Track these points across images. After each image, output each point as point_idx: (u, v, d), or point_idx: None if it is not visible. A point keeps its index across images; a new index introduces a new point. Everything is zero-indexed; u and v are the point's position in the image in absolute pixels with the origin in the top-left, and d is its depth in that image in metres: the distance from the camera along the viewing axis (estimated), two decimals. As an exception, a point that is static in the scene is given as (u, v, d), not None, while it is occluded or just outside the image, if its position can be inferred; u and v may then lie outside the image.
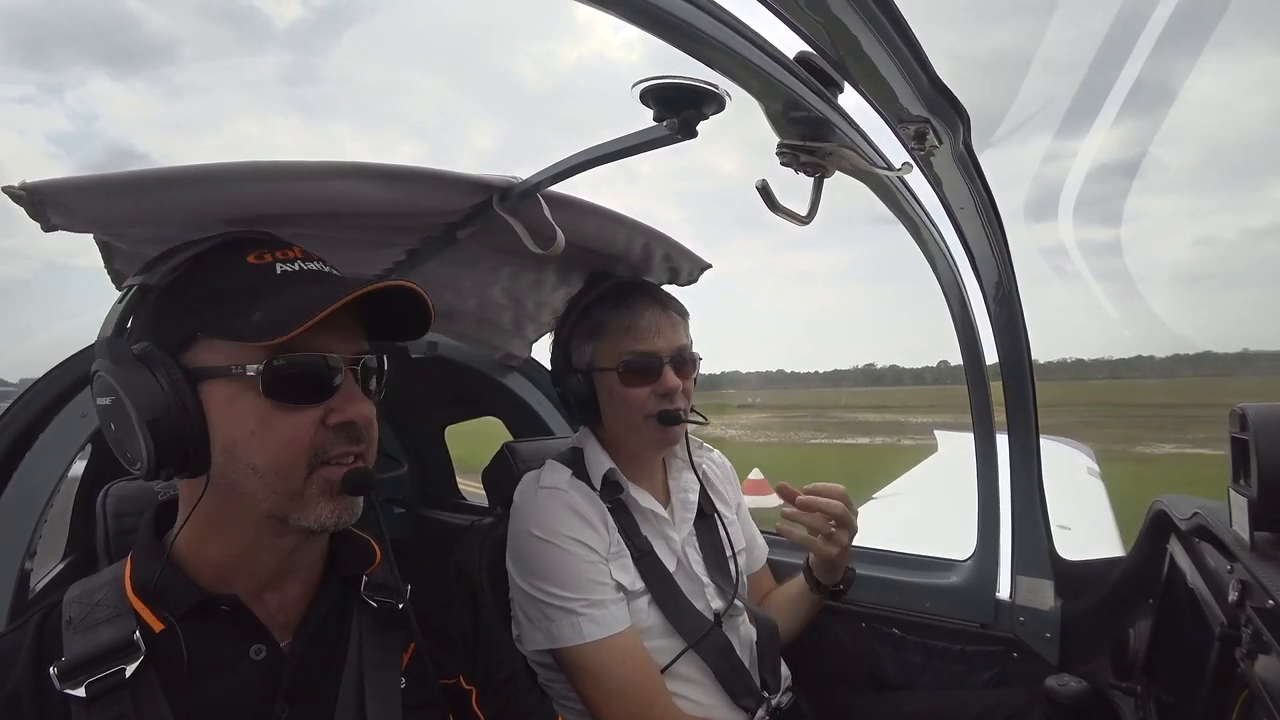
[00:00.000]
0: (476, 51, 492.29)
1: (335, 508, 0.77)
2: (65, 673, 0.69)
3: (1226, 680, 0.87)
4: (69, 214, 0.85)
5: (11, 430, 1.27)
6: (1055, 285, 1.33)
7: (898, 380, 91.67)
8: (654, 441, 1.39)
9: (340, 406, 0.77)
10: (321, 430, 0.76)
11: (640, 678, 1.25)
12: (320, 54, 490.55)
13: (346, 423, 0.77)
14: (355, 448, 0.79)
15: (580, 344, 1.40)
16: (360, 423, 0.79)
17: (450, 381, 2.20)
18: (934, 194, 1.18)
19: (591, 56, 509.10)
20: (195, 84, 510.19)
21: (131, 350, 0.73)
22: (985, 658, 1.57)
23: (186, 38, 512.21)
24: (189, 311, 0.76)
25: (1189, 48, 1.10)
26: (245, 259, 0.78)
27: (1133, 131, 1.81)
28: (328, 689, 0.80)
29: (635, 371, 1.34)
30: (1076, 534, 2.02)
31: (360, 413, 0.78)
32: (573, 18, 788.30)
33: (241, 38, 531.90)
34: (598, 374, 1.38)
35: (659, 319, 1.37)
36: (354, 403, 0.78)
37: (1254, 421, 0.90)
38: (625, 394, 1.35)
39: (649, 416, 1.35)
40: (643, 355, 1.34)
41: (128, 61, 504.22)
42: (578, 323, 1.41)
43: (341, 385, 0.78)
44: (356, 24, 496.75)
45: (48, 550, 1.32)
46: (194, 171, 0.88)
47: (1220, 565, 0.97)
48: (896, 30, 0.77)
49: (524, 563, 1.29)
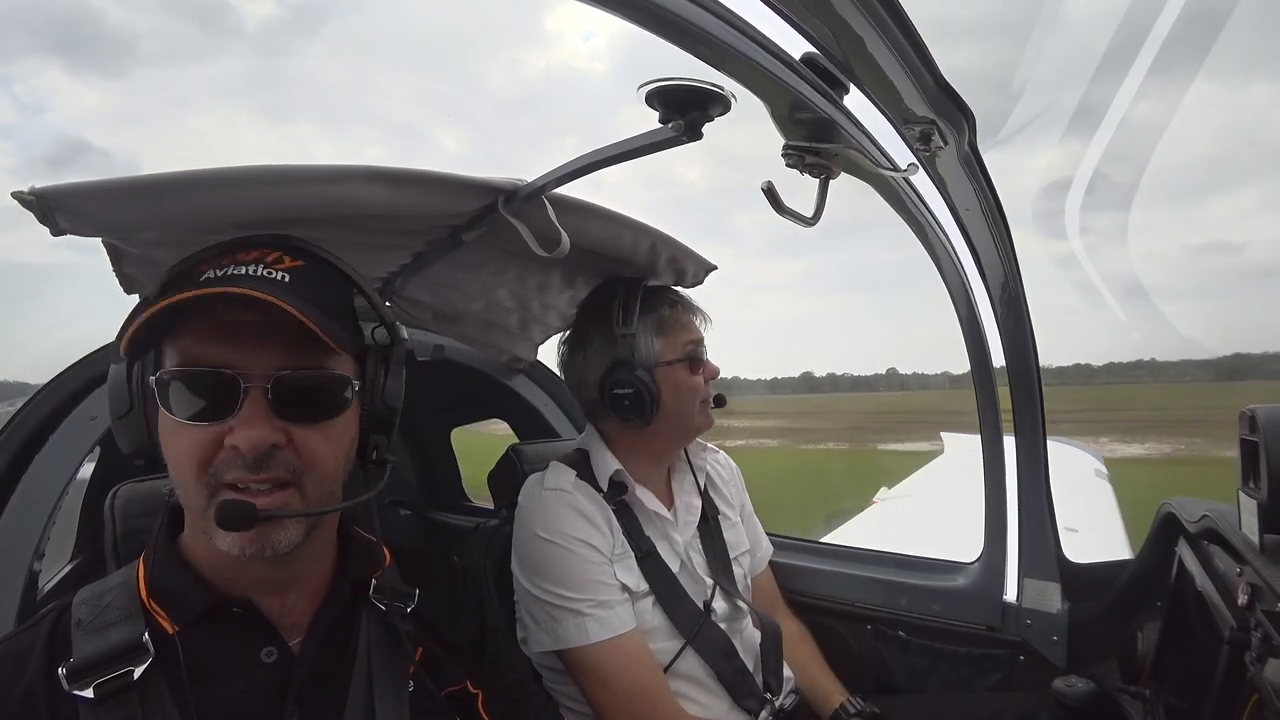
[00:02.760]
0: (446, 57, 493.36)
1: (234, 538, 0.71)
2: (74, 673, 0.69)
3: (1236, 684, 0.87)
4: (77, 218, 0.85)
5: (21, 432, 1.28)
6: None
7: (834, 387, 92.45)
8: (701, 426, 1.47)
9: (235, 429, 0.70)
10: (223, 451, 0.71)
11: (646, 679, 1.25)
12: (286, 54, 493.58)
13: (234, 447, 0.70)
14: (254, 475, 0.71)
15: (645, 340, 1.40)
16: (244, 448, 0.70)
17: (456, 384, 2.21)
18: (939, 195, 1.18)
19: (559, 66, 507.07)
20: (155, 79, 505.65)
21: (126, 361, 0.77)
22: (992, 661, 1.56)
23: (148, 33, 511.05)
24: (157, 328, 0.75)
25: (1128, 73, 1.11)
26: (201, 267, 0.77)
27: (1078, 150, 1.84)
28: (337, 692, 0.80)
29: (698, 359, 1.43)
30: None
31: (249, 438, 0.69)
32: (541, 27, 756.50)
33: (206, 34, 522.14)
34: (663, 368, 1.39)
35: (694, 314, 1.47)
36: (247, 426, 0.70)
37: (1264, 423, 0.89)
38: (692, 382, 1.42)
39: (705, 401, 1.44)
40: (697, 344, 1.44)
41: (84, 54, 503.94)
42: (639, 322, 1.39)
43: (244, 404, 0.71)
44: (327, 24, 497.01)
45: (56, 551, 1.33)
46: (201, 176, 0.88)
47: (1229, 568, 0.96)
48: (902, 31, 0.77)
49: (529, 564, 1.30)
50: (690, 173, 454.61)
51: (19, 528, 1.21)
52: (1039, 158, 1.97)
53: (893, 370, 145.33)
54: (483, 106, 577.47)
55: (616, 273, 1.50)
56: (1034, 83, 1.12)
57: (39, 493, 1.24)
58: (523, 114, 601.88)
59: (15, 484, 1.23)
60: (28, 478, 1.23)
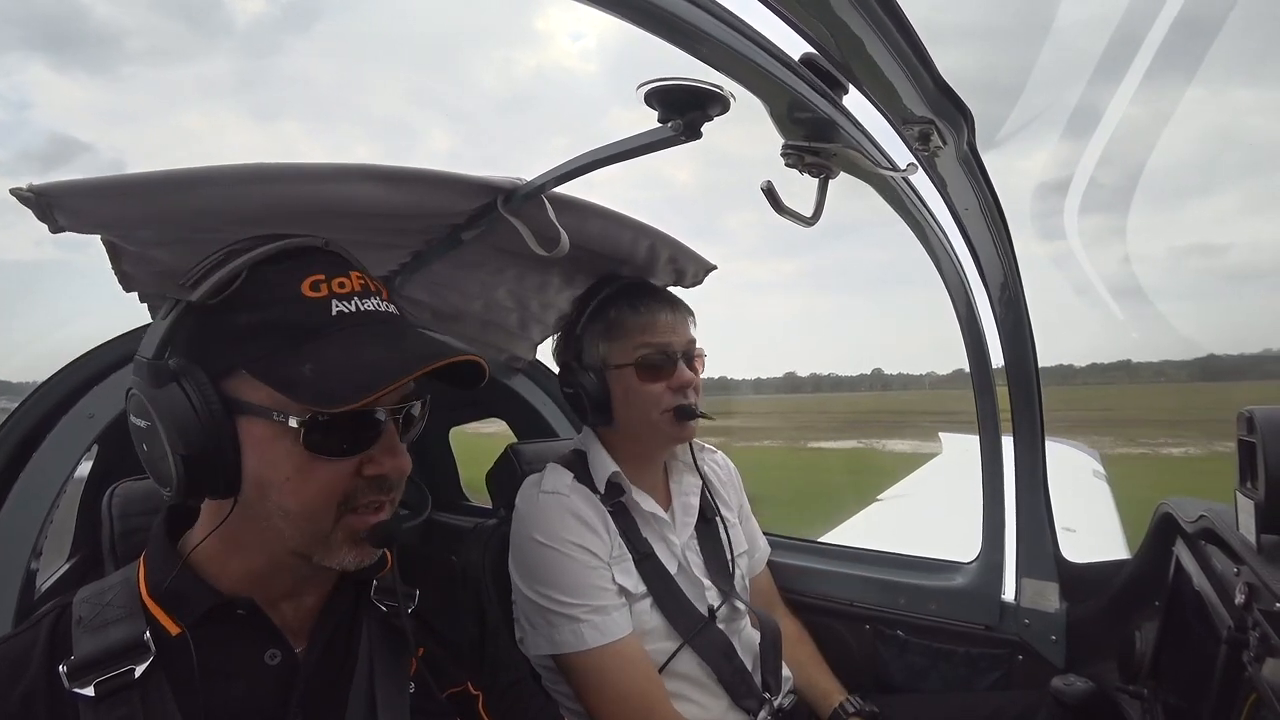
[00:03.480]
0: (437, 56, 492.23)
1: (358, 554, 0.77)
2: (74, 672, 0.69)
3: (1234, 684, 0.87)
4: (76, 216, 0.85)
5: (18, 431, 1.28)
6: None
7: (817, 387, 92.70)
8: (669, 438, 1.39)
9: (378, 459, 0.75)
10: (355, 479, 0.75)
11: (641, 685, 1.25)
12: (274, 51, 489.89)
13: (381, 475, 0.76)
14: (384, 496, 0.77)
15: (593, 342, 1.39)
16: (394, 477, 0.77)
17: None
18: (939, 195, 1.18)
19: (550, 65, 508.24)
20: (141, 76, 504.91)
21: (171, 372, 0.70)
22: (990, 660, 1.56)
23: (136, 29, 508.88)
24: (236, 339, 0.72)
25: (1122, 78, 1.13)
26: (300, 288, 0.73)
27: (1070, 153, 1.86)
28: (339, 695, 0.80)
29: (652, 366, 1.35)
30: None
31: (396, 466, 0.77)
32: (532, 26, 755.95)
33: (195, 32, 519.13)
34: (612, 371, 1.37)
35: (670, 314, 1.38)
36: (392, 456, 0.76)
37: (1261, 424, 0.89)
38: (642, 390, 1.35)
39: (665, 412, 1.35)
40: (659, 350, 1.35)
41: (70, 50, 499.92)
42: (589, 322, 1.41)
43: (382, 436, 0.76)
44: (318, 22, 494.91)
45: (54, 550, 1.33)
46: (200, 174, 0.88)
47: (1227, 568, 0.97)
48: (900, 31, 0.77)
49: (527, 568, 1.29)
50: (681, 173, 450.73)
51: (16, 526, 1.21)
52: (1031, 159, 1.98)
53: (878, 370, 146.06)
54: (473, 106, 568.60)
55: (616, 273, 1.50)
56: (1030, 86, 1.12)
57: (36, 491, 1.23)
58: (514, 114, 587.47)
59: (13, 482, 1.22)
60: (25, 476, 1.23)
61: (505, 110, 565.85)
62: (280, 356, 0.70)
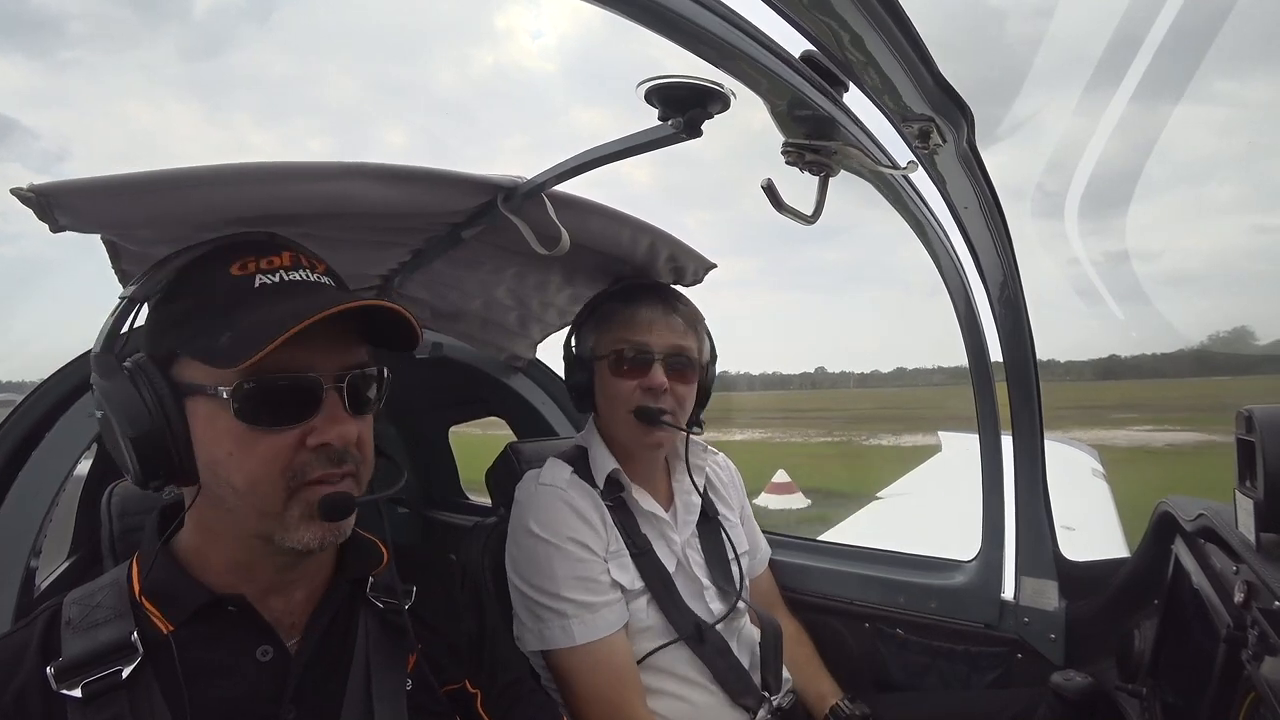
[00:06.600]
0: (395, 50, 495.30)
1: (318, 531, 0.75)
2: (62, 673, 0.69)
3: (1233, 682, 0.87)
4: (76, 215, 0.85)
5: (18, 429, 1.28)
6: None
7: (750, 386, 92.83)
8: (635, 439, 1.37)
9: (321, 427, 0.74)
10: (302, 452, 0.74)
11: (611, 685, 1.24)
12: (227, 40, 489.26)
13: (324, 445, 0.74)
14: (337, 469, 0.75)
15: (586, 334, 1.44)
16: (338, 445, 0.75)
17: (455, 382, 2.20)
18: (938, 193, 1.18)
19: (508, 64, 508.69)
20: (83, 61, 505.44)
21: (121, 365, 0.74)
22: (990, 659, 1.56)
23: (78, 13, 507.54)
24: (172, 326, 0.75)
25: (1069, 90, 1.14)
26: (229, 270, 0.76)
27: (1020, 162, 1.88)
28: (334, 690, 0.80)
29: (623, 362, 1.35)
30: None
31: (340, 434, 0.75)
32: (492, 24, 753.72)
33: (140, 18, 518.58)
34: (596, 362, 1.40)
35: (658, 315, 1.37)
36: (335, 424, 0.74)
37: (1260, 423, 0.89)
38: (612, 384, 1.36)
39: (630, 411, 1.34)
40: (633, 346, 1.35)
41: (5, 32, 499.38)
42: (589, 312, 1.46)
43: (324, 404, 0.75)
44: (273, 14, 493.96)
45: (53, 549, 1.33)
46: (199, 173, 0.88)
47: (1226, 566, 0.97)
48: (900, 29, 0.77)
49: (520, 560, 1.30)
50: (639, 174, 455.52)
51: (16, 525, 1.21)
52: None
53: (821, 369, 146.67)
54: (431, 102, 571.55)
55: (616, 271, 1.50)
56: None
57: (36, 490, 1.23)
58: (471, 111, 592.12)
59: (12, 481, 1.22)
60: (24, 474, 1.23)
61: (463, 107, 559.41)
62: (204, 332, 0.73)
